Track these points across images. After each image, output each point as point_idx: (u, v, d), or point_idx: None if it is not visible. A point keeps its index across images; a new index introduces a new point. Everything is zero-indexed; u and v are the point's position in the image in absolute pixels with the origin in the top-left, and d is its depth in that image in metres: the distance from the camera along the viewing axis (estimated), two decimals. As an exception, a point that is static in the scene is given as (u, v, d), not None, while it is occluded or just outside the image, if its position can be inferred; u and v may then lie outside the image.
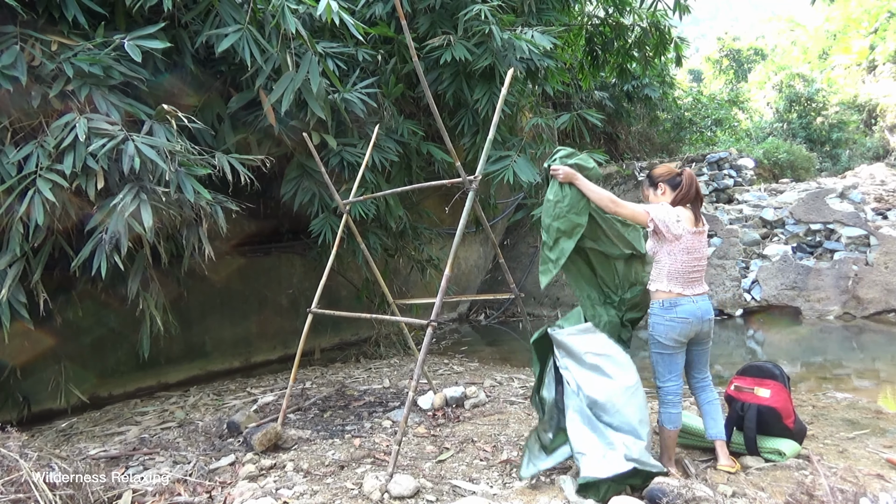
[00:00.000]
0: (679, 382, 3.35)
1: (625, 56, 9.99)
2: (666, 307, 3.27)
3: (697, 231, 3.30)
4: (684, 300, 3.24)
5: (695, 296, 3.27)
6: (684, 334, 3.26)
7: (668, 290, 3.27)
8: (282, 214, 7.07)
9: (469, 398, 5.00)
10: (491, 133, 3.72)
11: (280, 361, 7.70)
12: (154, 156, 3.91)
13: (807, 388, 5.54)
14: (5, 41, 3.99)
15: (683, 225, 3.25)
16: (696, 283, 3.30)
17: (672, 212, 3.26)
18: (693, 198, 3.32)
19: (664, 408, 3.35)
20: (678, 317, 3.24)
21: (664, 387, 3.35)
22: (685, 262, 3.25)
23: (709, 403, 3.41)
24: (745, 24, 32.85)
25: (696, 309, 3.25)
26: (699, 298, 3.28)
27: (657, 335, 3.29)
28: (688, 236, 3.25)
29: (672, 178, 3.37)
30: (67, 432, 4.96)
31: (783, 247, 9.06)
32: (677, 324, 3.24)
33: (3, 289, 3.87)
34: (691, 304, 3.24)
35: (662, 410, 3.36)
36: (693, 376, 3.47)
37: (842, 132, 18.07)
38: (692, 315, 3.23)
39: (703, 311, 3.28)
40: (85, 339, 6.00)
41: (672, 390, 3.33)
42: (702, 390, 3.46)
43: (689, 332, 3.26)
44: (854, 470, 3.22)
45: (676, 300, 3.25)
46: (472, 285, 11.09)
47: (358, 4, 6.35)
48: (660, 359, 3.34)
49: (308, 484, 3.36)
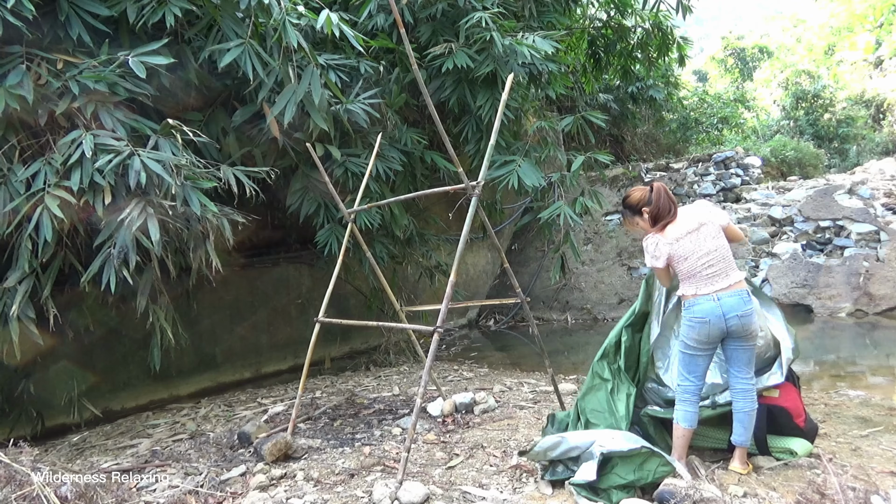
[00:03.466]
0: (697, 384, 3.31)
1: (628, 58, 9.98)
2: (687, 307, 3.28)
3: (687, 234, 3.28)
4: (702, 299, 3.20)
5: (718, 292, 3.19)
6: (704, 334, 3.20)
7: (684, 293, 3.30)
8: (289, 225, 7.11)
9: (478, 404, 4.99)
10: (493, 138, 3.73)
11: (290, 371, 7.72)
12: (160, 170, 3.95)
13: (819, 387, 5.50)
14: (12, 61, 4.07)
15: (662, 249, 3.31)
16: (718, 278, 3.22)
17: (649, 246, 3.37)
18: (668, 207, 3.33)
19: (680, 404, 3.31)
20: (695, 317, 3.21)
21: (681, 385, 3.33)
22: (690, 266, 3.25)
23: (744, 413, 3.29)
24: (749, 23, 32.73)
25: (716, 307, 3.17)
26: (725, 295, 3.19)
27: (683, 332, 3.31)
28: (676, 247, 3.27)
29: (649, 199, 3.38)
30: (80, 446, 5.00)
31: (792, 245, 9.01)
32: (696, 324, 3.21)
33: (13, 305, 3.91)
34: (710, 303, 3.18)
35: (680, 408, 3.31)
36: (734, 375, 3.34)
37: (850, 128, 17.93)
38: (710, 314, 3.18)
39: (728, 309, 3.17)
40: (97, 354, 6.06)
41: (688, 389, 3.30)
42: (741, 396, 3.30)
43: (711, 331, 3.19)
44: (866, 468, 3.20)
45: (694, 300, 3.23)
46: (481, 291, 11.09)
47: (360, 17, 6.39)
48: (681, 357, 3.34)
49: (318, 493, 3.37)
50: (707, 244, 3.26)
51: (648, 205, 3.37)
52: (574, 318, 10.49)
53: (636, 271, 10.50)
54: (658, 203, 3.33)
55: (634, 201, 3.44)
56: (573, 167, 7.36)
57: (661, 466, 3.08)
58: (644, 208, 3.39)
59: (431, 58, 6.31)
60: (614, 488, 3.03)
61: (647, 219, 3.39)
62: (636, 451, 3.09)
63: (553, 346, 8.50)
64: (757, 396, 3.35)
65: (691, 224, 3.30)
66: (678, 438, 3.32)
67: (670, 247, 3.29)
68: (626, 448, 3.09)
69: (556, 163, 9.38)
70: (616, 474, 3.07)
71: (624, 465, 3.09)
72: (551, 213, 7.12)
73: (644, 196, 3.40)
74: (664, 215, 3.33)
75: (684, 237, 3.27)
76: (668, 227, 3.33)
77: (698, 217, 3.32)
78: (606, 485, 3.05)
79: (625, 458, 3.09)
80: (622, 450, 3.08)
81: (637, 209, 3.43)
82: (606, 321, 9.97)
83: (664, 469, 3.08)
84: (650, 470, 3.07)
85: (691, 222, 3.31)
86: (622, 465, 3.08)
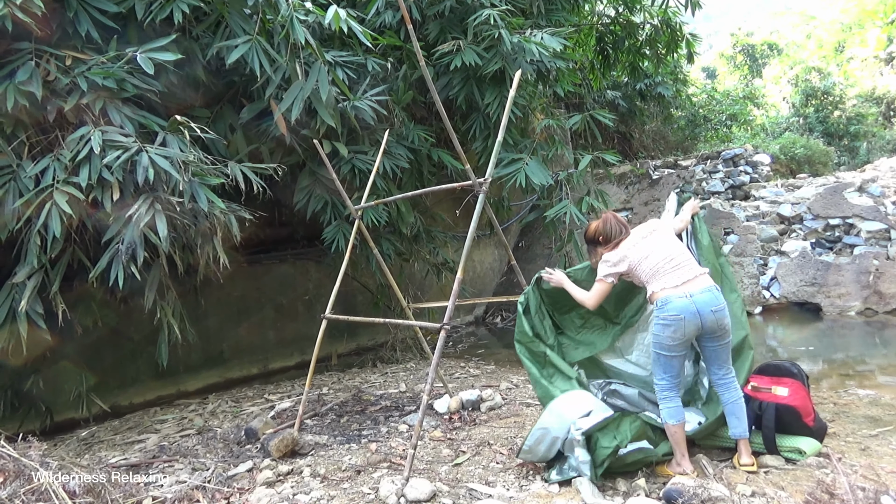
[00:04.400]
0: (674, 381, 3.34)
1: (636, 54, 9.94)
2: (659, 307, 3.28)
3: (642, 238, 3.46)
4: (674, 297, 3.22)
5: (688, 289, 3.23)
6: (680, 332, 3.21)
7: (652, 291, 3.34)
8: (296, 221, 7.12)
9: (485, 401, 4.99)
10: (500, 136, 3.72)
11: (297, 368, 7.74)
12: (168, 166, 3.96)
13: (828, 386, 5.46)
14: (21, 57, 4.08)
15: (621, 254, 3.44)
16: (682, 270, 3.30)
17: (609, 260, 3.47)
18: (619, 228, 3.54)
19: (661, 403, 3.34)
20: (669, 315, 3.22)
21: (657, 384, 3.37)
22: (652, 263, 3.35)
23: (733, 403, 3.33)
24: (759, 19, 32.51)
25: (690, 304, 3.19)
26: (696, 292, 3.22)
27: (656, 333, 3.32)
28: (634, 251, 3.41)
29: (600, 228, 3.60)
30: (88, 441, 5.03)
31: (801, 243, 8.95)
32: (671, 322, 3.22)
33: (22, 300, 3.93)
34: (683, 300, 3.20)
35: (661, 406, 3.34)
36: (713, 372, 3.39)
37: (860, 125, 17.79)
38: (684, 311, 3.18)
39: (701, 305, 3.19)
40: (105, 349, 6.09)
41: (665, 387, 3.34)
42: (725, 389, 3.36)
43: (687, 329, 3.20)
44: (875, 467, 3.17)
45: (666, 299, 3.25)
46: (488, 288, 11.08)
47: (368, 13, 6.38)
48: (656, 357, 3.36)
49: (325, 489, 3.38)
50: (664, 242, 3.43)
51: (601, 232, 3.59)
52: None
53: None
54: (606, 227, 3.56)
55: (591, 233, 3.67)
56: (580, 166, 7.34)
57: (633, 423, 3.32)
58: (600, 237, 3.60)
59: (439, 55, 6.30)
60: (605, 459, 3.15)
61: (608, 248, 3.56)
62: (609, 418, 3.26)
63: (560, 344, 8.45)
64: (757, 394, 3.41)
65: (644, 232, 3.51)
66: (673, 436, 3.32)
67: (628, 250, 3.42)
68: (601, 419, 3.23)
69: (563, 161, 9.36)
70: (601, 447, 3.18)
71: (604, 435, 3.20)
72: (557, 212, 7.11)
73: (598, 226, 3.62)
74: (616, 234, 3.54)
75: (640, 242, 3.45)
76: (625, 241, 3.51)
77: (650, 226, 3.56)
78: (599, 460, 3.17)
79: (602, 429, 3.21)
80: (597, 423, 3.21)
81: (594, 240, 3.65)
82: (613, 319, 9.92)
83: (636, 425, 3.32)
84: (625, 431, 3.25)
85: (644, 231, 3.53)
86: (603, 437, 3.20)
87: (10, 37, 4.03)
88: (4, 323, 4.04)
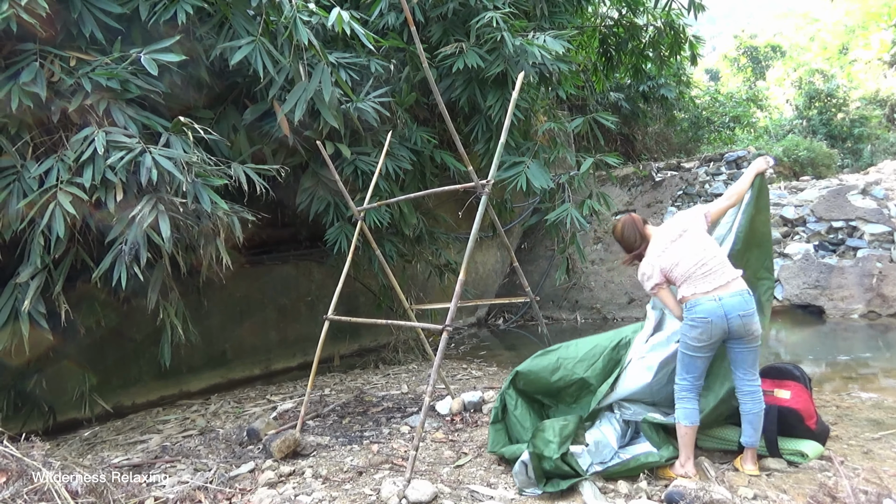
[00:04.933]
0: (696, 382, 3.32)
1: (639, 56, 9.93)
2: (688, 308, 3.28)
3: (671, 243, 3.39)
4: (703, 299, 3.21)
5: (717, 293, 3.20)
6: (706, 334, 3.20)
7: (682, 295, 3.31)
8: (299, 223, 7.12)
9: (487, 403, 4.98)
10: (502, 137, 3.73)
11: (300, 368, 7.74)
12: (171, 167, 3.97)
13: (831, 389, 5.45)
14: (25, 58, 4.10)
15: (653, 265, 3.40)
16: (714, 276, 3.24)
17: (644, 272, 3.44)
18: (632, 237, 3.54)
19: (679, 403, 3.32)
20: (697, 317, 3.21)
21: (679, 383, 3.35)
22: (684, 270, 3.30)
23: (754, 414, 3.29)
24: (762, 21, 32.48)
25: (718, 307, 3.18)
26: (725, 296, 3.20)
27: (683, 332, 3.32)
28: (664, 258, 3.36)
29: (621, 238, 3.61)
30: (91, 441, 5.04)
31: (805, 245, 8.94)
32: (698, 324, 3.21)
33: (25, 300, 3.94)
34: (712, 303, 3.19)
35: (679, 406, 3.32)
36: (738, 377, 3.34)
37: (863, 127, 17.77)
38: (712, 314, 3.18)
39: (729, 309, 3.18)
40: (107, 349, 6.10)
41: (686, 388, 3.32)
42: (749, 399, 3.30)
43: (713, 331, 3.19)
44: (878, 471, 3.16)
45: (695, 301, 3.23)
46: (490, 289, 11.08)
47: (371, 15, 6.39)
48: (681, 357, 3.35)
49: (327, 490, 3.38)
50: (695, 247, 3.34)
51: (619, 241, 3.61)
52: (583, 317, 10.44)
53: (646, 271, 10.43)
54: (625, 236, 3.57)
55: (615, 237, 3.69)
56: (582, 169, 7.34)
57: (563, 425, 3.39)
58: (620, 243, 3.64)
59: (442, 57, 6.31)
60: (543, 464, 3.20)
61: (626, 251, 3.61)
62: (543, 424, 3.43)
63: (562, 346, 8.45)
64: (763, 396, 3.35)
65: (672, 234, 3.41)
66: (683, 437, 3.31)
67: (659, 259, 3.37)
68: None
69: (565, 163, 9.35)
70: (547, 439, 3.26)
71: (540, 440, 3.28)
72: (558, 216, 7.10)
73: (618, 233, 3.63)
74: (632, 244, 3.55)
75: (669, 247, 3.38)
76: (649, 249, 3.47)
77: (679, 227, 3.44)
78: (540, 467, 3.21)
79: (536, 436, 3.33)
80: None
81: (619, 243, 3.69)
82: (616, 321, 9.92)
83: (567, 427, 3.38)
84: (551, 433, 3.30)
85: (672, 233, 3.42)
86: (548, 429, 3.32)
87: (14, 38, 4.04)
88: (7, 323, 4.05)
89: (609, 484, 3.24)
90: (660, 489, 3.17)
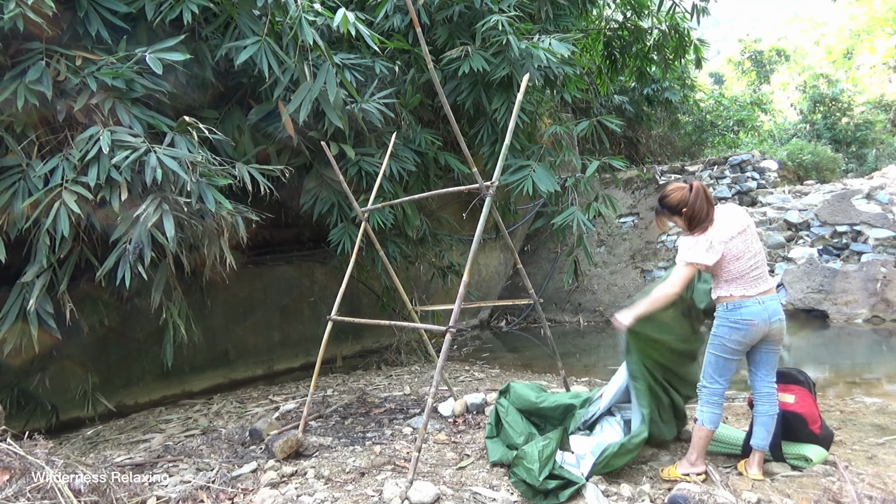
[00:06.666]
0: (725, 386, 3.30)
1: (644, 60, 9.94)
2: (730, 309, 3.20)
3: (738, 234, 3.19)
4: (749, 301, 3.16)
5: (761, 296, 3.17)
6: (749, 337, 3.18)
7: (729, 295, 3.20)
8: (303, 223, 7.13)
9: (490, 405, 4.98)
10: (507, 140, 3.72)
11: (302, 369, 7.74)
12: (176, 167, 3.98)
13: (835, 393, 5.44)
14: (31, 57, 4.11)
15: (718, 247, 3.16)
16: (761, 281, 3.20)
17: (700, 243, 3.18)
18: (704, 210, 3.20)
19: (708, 407, 3.28)
20: (742, 319, 3.16)
21: (710, 387, 3.29)
22: (738, 268, 3.17)
23: (769, 416, 3.29)
24: (767, 25, 32.43)
25: (762, 311, 3.15)
26: (766, 298, 3.18)
27: (720, 335, 3.23)
28: (730, 246, 3.16)
29: (687, 201, 3.24)
30: (94, 440, 5.04)
31: (809, 249, 8.92)
32: (742, 326, 3.17)
33: (31, 299, 3.95)
34: (757, 306, 3.16)
35: (706, 409, 3.28)
36: (760, 378, 3.33)
37: (868, 132, 17.71)
38: (757, 317, 3.15)
39: (771, 313, 3.17)
40: (110, 349, 6.10)
41: (717, 392, 3.28)
42: (766, 400, 3.30)
43: (755, 334, 3.18)
44: (883, 476, 3.15)
45: (740, 302, 3.17)
46: (493, 291, 11.07)
47: (376, 17, 6.40)
48: (714, 360, 3.28)
49: (329, 491, 3.37)
50: (754, 246, 3.23)
51: (686, 206, 3.24)
52: (586, 319, 10.44)
53: (649, 274, 10.44)
54: (694, 206, 3.20)
55: (674, 202, 3.29)
56: (587, 172, 7.33)
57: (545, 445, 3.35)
58: (683, 209, 3.26)
59: (447, 61, 6.31)
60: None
61: (684, 220, 3.28)
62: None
63: (565, 348, 8.47)
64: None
65: (738, 225, 3.22)
66: (700, 439, 3.30)
67: (724, 245, 3.17)
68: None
69: (570, 166, 9.35)
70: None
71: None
72: (564, 219, 7.10)
73: (684, 197, 3.26)
74: (700, 218, 3.20)
75: (736, 237, 3.19)
76: (713, 228, 3.20)
77: (742, 219, 3.26)
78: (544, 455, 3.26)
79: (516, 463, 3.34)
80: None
81: (677, 210, 3.29)
82: (619, 324, 9.90)
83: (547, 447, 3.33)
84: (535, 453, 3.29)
85: (737, 224, 3.23)
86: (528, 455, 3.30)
87: (21, 37, 4.05)
88: (16, 322, 4.06)
89: (612, 487, 3.23)
90: (663, 492, 3.16)
